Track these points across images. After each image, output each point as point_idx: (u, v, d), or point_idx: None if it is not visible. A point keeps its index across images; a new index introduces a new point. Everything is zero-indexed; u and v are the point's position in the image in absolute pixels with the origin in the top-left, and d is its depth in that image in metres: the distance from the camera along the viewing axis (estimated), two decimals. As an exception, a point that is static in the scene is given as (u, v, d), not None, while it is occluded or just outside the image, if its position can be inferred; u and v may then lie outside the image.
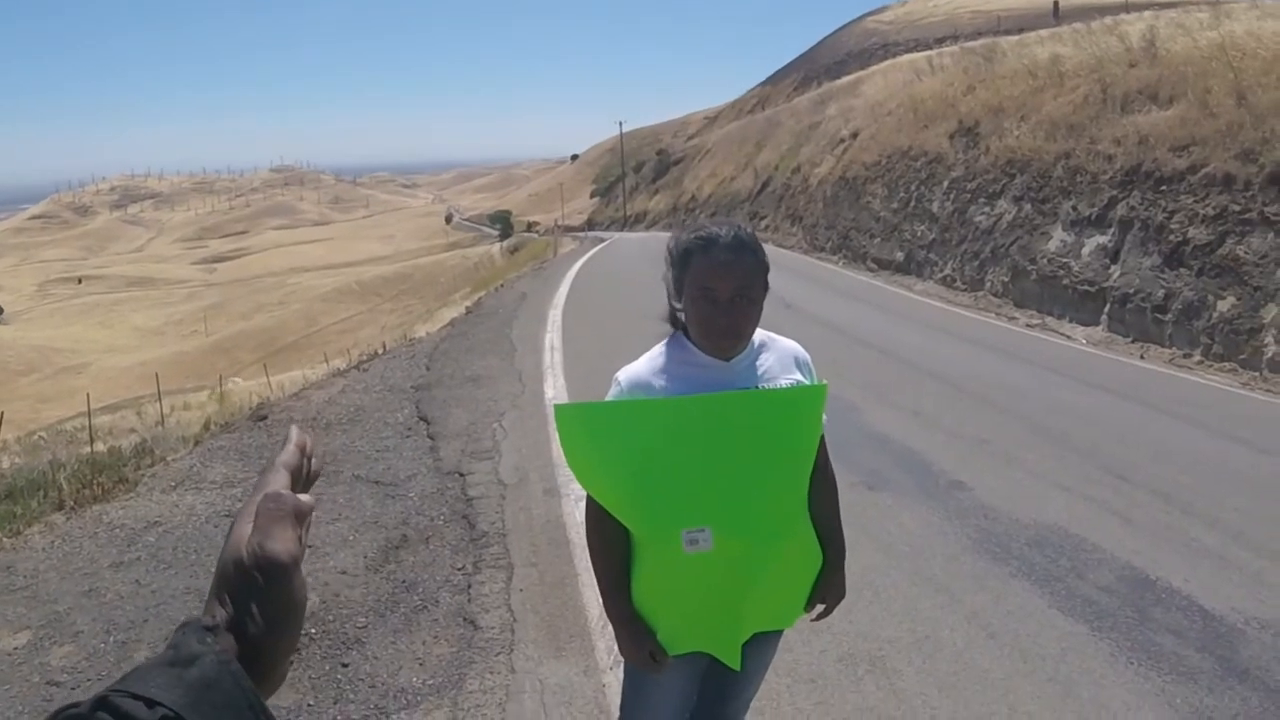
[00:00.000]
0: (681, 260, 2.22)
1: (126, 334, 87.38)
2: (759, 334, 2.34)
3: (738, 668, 2.36)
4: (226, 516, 6.16)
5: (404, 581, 5.17)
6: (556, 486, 6.58)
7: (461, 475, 6.96)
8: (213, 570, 0.81)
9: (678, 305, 2.30)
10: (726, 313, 2.16)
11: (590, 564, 2.41)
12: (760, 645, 2.47)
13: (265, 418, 8.99)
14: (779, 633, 2.54)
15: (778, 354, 2.37)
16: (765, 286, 2.25)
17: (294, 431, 0.92)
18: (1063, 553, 5.43)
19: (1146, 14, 22.84)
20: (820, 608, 2.51)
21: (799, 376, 2.35)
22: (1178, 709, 3.85)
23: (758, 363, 2.32)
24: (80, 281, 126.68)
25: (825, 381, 2.35)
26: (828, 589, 2.46)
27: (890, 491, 6.54)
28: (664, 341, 2.35)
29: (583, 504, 2.46)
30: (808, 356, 2.45)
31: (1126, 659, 4.23)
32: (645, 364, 2.31)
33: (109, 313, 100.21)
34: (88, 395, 25.43)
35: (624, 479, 2.17)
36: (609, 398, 2.30)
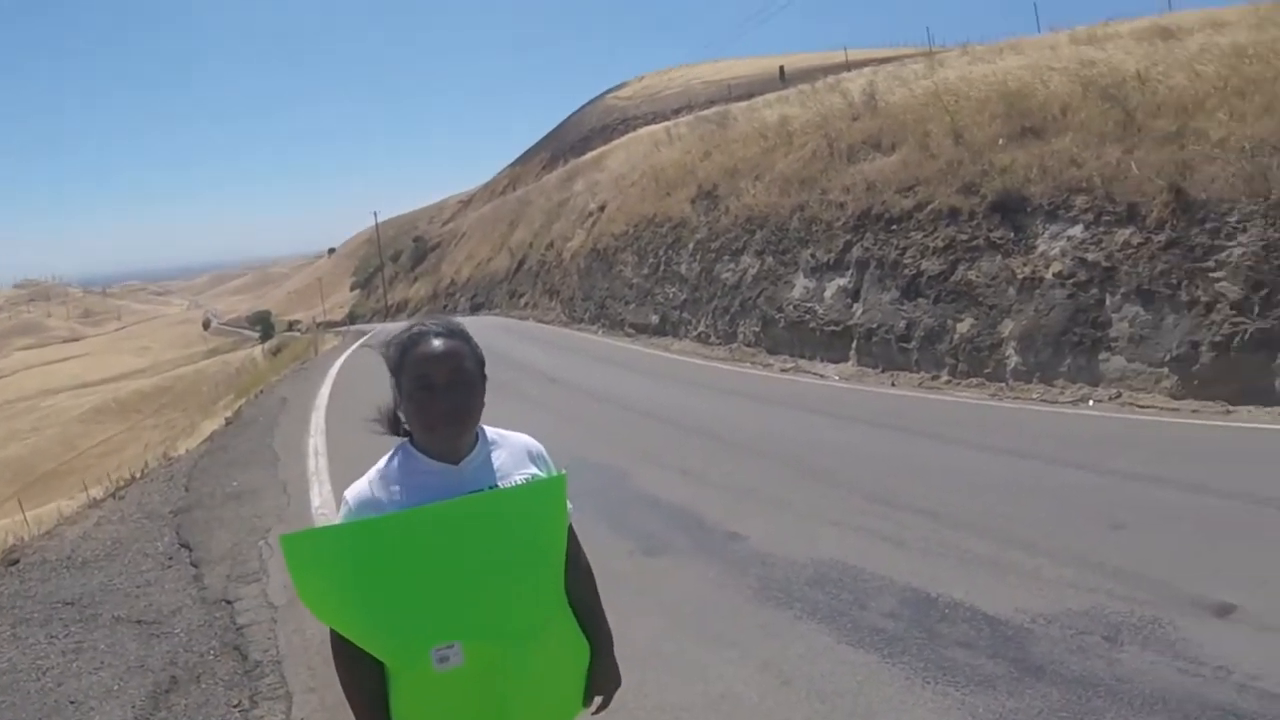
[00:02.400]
0: (397, 358, 2.14)
1: None
2: (490, 431, 2.26)
3: None
4: None
5: None
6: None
7: (229, 602, 6.35)
8: None
9: (400, 414, 2.20)
10: (445, 397, 2.07)
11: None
12: None
13: (17, 561, 8.05)
14: None
15: (510, 449, 2.27)
16: (483, 376, 2.18)
17: None
18: (843, 587, 5.29)
19: (866, 70, 24.27)
20: (598, 700, 2.38)
21: (534, 470, 2.25)
22: (981, 718, 3.77)
23: (490, 460, 2.21)
24: None
25: (564, 471, 2.25)
26: (602, 679, 2.35)
27: (668, 554, 6.29)
28: (389, 453, 2.19)
29: None
30: (541, 448, 2.35)
31: (923, 680, 4.13)
32: (372, 478, 2.15)
33: None
34: None
35: (361, 605, 2.00)
36: (339, 519, 2.12)
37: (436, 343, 2.11)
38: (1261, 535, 5.50)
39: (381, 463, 2.18)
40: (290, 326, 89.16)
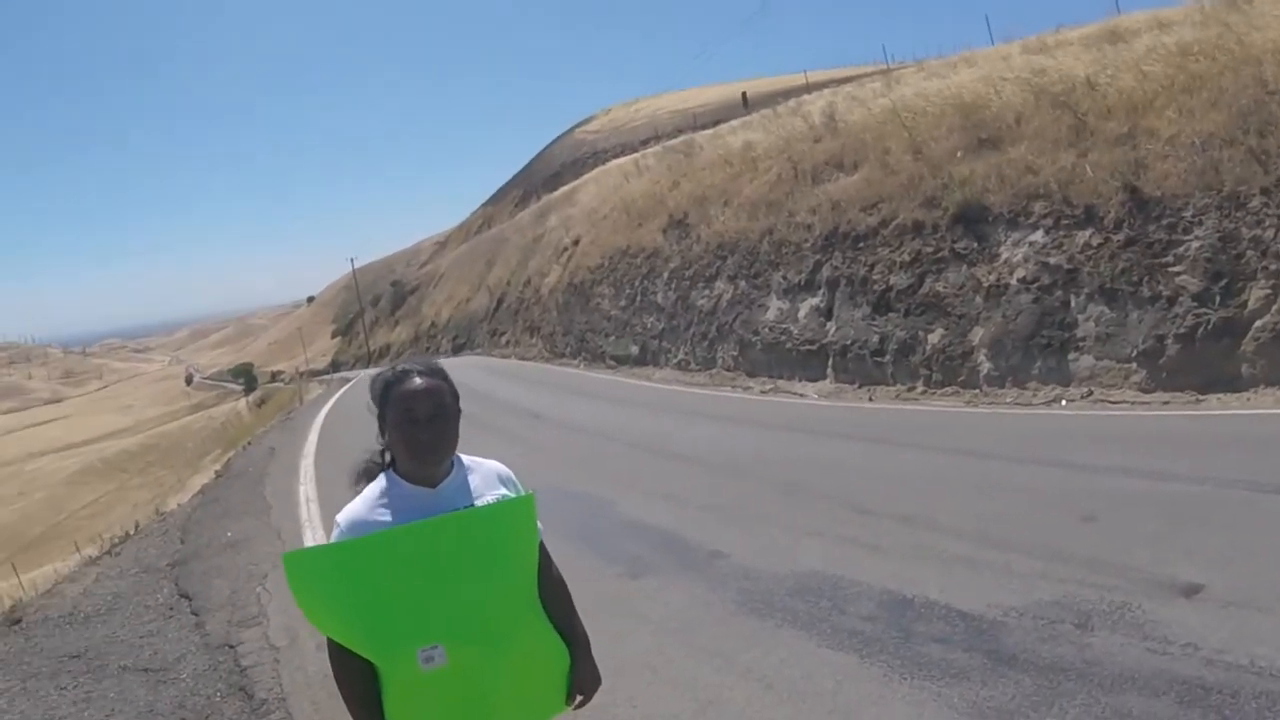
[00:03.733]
0: (383, 394, 2.42)
1: None
2: (465, 459, 2.53)
3: None
4: None
5: None
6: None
7: (231, 647, 6.53)
8: None
9: (381, 446, 2.49)
10: (427, 429, 2.34)
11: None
12: None
13: (19, 620, 8.18)
14: None
15: (482, 474, 2.54)
16: (458, 410, 2.45)
17: None
18: (822, 595, 5.46)
19: (826, 92, 24.59)
20: (579, 698, 2.61)
21: (504, 491, 2.53)
22: (956, 707, 3.93)
23: (466, 483, 2.48)
24: None
25: (532, 492, 2.53)
26: (581, 679, 2.58)
27: (653, 575, 6.46)
28: (375, 482, 2.47)
29: None
30: (510, 473, 2.63)
31: (899, 676, 4.30)
32: (360, 503, 2.42)
33: None
34: None
35: (355, 613, 2.26)
36: (332, 539, 2.39)
37: (419, 381, 2.37)
38: (1228, 517, 5.67)
39: (367, 490, 2.44)
40: (273, 377, 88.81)
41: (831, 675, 4.45)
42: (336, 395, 32.47)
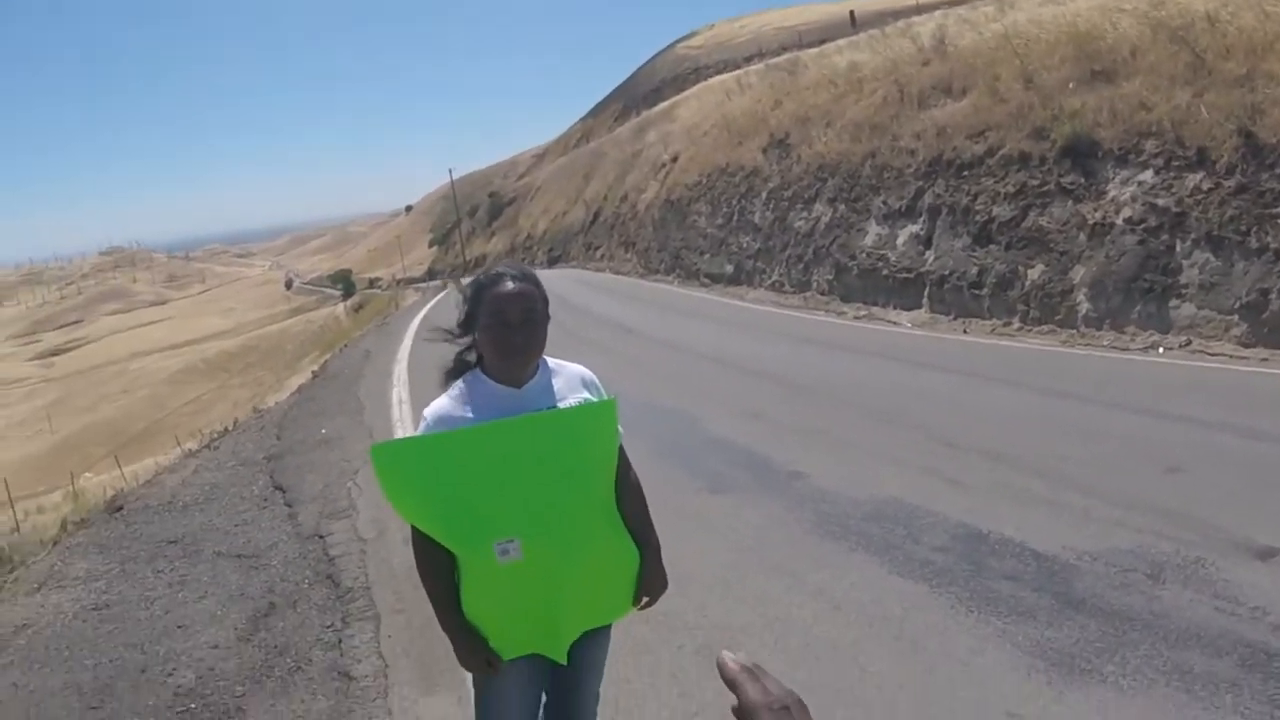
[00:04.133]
0: (475, 296, 2.51)
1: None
2: (550, 361, 2.62)
3: (564, 662, 2.56)
4: (94, 610, 5.97)
5: (276, 646, 5.10)
6: (414, 533, 6.50)
7: (321, 537, 6.89)
8: (87, 664, 0.82)
9: (466, 346, 2.62)
10: (518, 333, 2.42)
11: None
12: (591, 641, 2.67)
13: (121, 508, 8.66)
14: (608, 628, 2.74)
15: (566, 377, 2.62)
16: (547, 315, 2.52)
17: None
18: (898, 522, 5.56)
19: (936, 14, 23.92)
20: (645, 600, 2.71)
21: (586, 395, 2.60)
22: (1019, 645, 3.99)
23: (549, 385, 2.56)
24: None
25: (614, 396, 2.59)
26: (649, 583, 2.68)
27: (733, 492, 6.62)
28: (462, 378, 2.57)
29: None
30: (594, 377, 2.71)
31: (966, 609, 4.37)
32: (447, 399, 2.52)
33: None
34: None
35: (437, 504, 2.38)
36: (419, 431, 2.51)
37: (511, 285, 2.45)
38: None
39: (454, 386, 2.56)
40: (371, 284, 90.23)
41: (899, 602, 4.55)
42: (431, 302, 33.02)
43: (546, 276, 2.70)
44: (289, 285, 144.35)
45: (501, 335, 2.42)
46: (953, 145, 14.49)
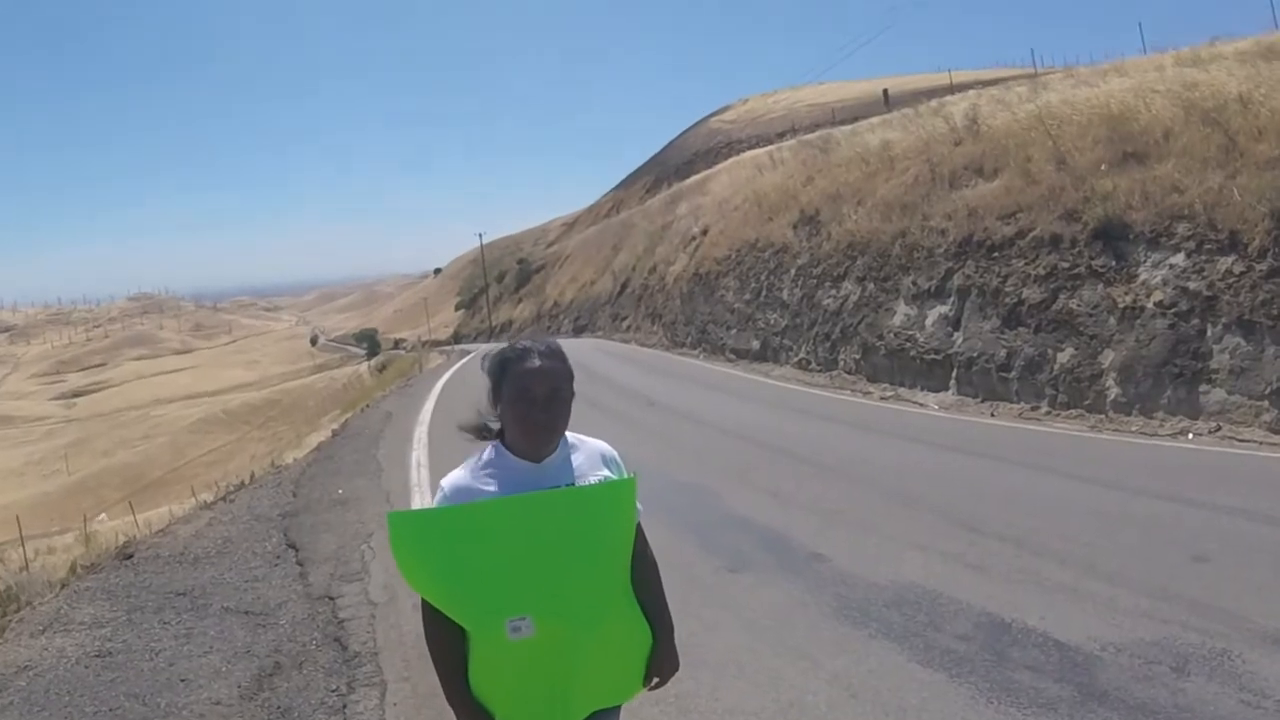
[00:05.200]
0: (499, 369, 2.44)
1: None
2: (571, 437, 2.52)
3: None
4: (98, 657, 5.90)
5: (279, 708, 5.00)
6: (427, 602, 6.40)
7: (331, 599, 6.80)
8: (87, 711, 0.74)
9: (492, 416, 2.52)
10: (544, 410, 2.36)
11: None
12: None
13: (131, 556, 8.62)
14: (617, 709, 2.61)
15: (586, 453, 2.55)
16: (572, 392, 2.45)
17: None
18: (920, 609, 5.41)
19: (970, 93, 24.08)
20: (655, 680, 2.62)
21: (607, 472, 2.53)
22: (1038, 738, 3.84)
23: (569, 461, 2.49)
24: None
25: (634, 475, 2.52)
26: (660, 663, 2.60)
27: (752, 571, 6.48)
28: (482, 450, 2.50)
29: None
30: (614, 453, 2.62)
31: (986, 699, 4.23)
32: (465, 471, 2.46)
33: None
34: (-55, 546, 23.92)
35: (450, 577, 2.32)
36: (434, 504, 2.44)
37: (538, 362, 2.38)
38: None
39: (473, 458, 2.48)
40: (396, 344, 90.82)
41: (918, 691, 4.41)
42: (456, 366, 33.10)
43: (572, 346, 2.63)
44: (314, 341, 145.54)
45: (526, 413, 2.37)
46: (983, 226, 14.47)
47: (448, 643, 2.40)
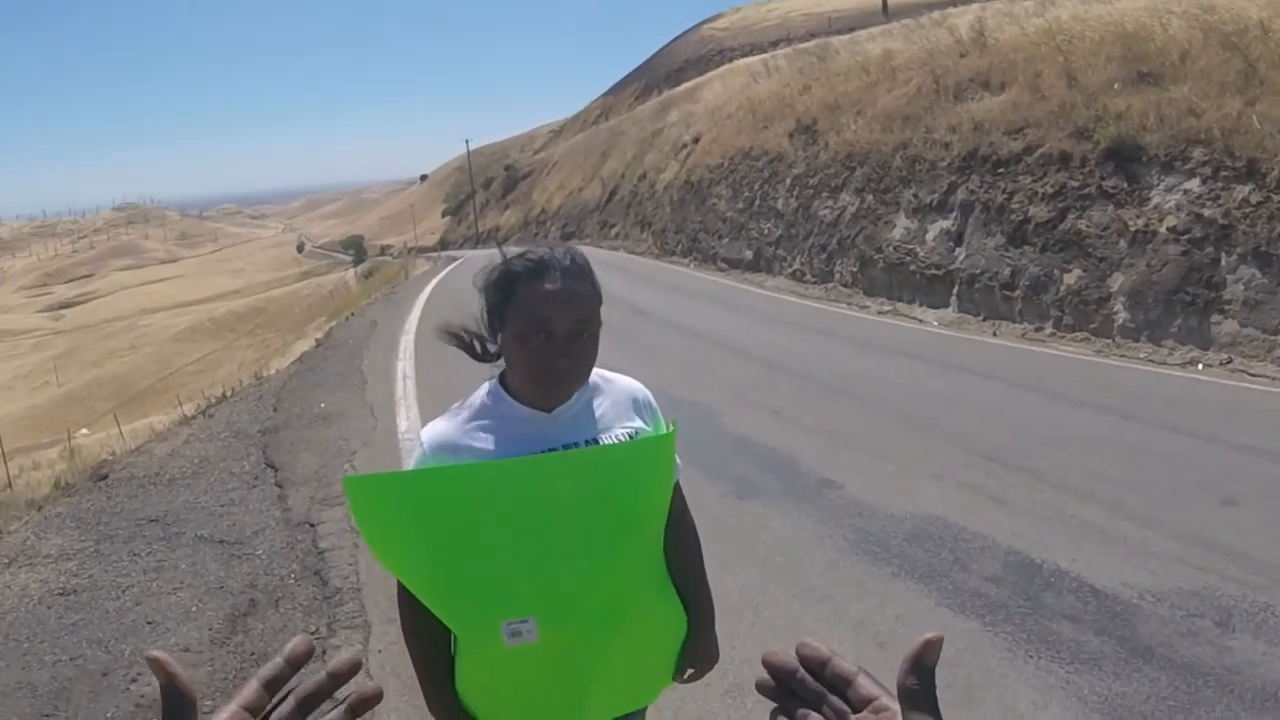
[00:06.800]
0: (503, 288, 1.80)
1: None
2: (594, 374, 1.91)
3: None
4: (62, 595, 5.52)
5: (253, 654, 4.63)
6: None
7: (312, 526, 6.36)
8: (46, 660, 0.44)
9: (492, 346, 1.91)
10: (567, 352, 1.74)
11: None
12: None
13: (106, 477, 8.25)
14: (641, 711, 2.10)
15: (613, 398, 1.95)
16: (600, 321, 1.84)
17: (291, 644, 0.74)
18: (943, 545, 5.21)
19: (974, 6, 23.46)
20: (690, 672, 2.06)
21: (639, 424, 1.94)
22: (1086, 700, 3.65)
23: (590, 409, 1.90)
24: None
25: (674, 424, 1.87)
26: (697, 655, 2.04)
27: (760, 499, 6.24)
28: (476, 391, 1.90)
29: None
30: (648, 395, 2.02)
31: (1025, 653, 4.03)
32: (452, 421, 1.86)
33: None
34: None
35: (429, 562, 1.72)
36: (413, 464, 1.87)
37: (564, 283, 1.76)
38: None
39: (466, 402, 1.90)
40: (382, 251, 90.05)
41: (952, 642, 4.13)
42: (442, 273, 32.66)
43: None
44: (300, 249, 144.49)
45: (540, 354, 1.74)
46: (989, 140, 14.08)
47: (428, 639, 1.87)
